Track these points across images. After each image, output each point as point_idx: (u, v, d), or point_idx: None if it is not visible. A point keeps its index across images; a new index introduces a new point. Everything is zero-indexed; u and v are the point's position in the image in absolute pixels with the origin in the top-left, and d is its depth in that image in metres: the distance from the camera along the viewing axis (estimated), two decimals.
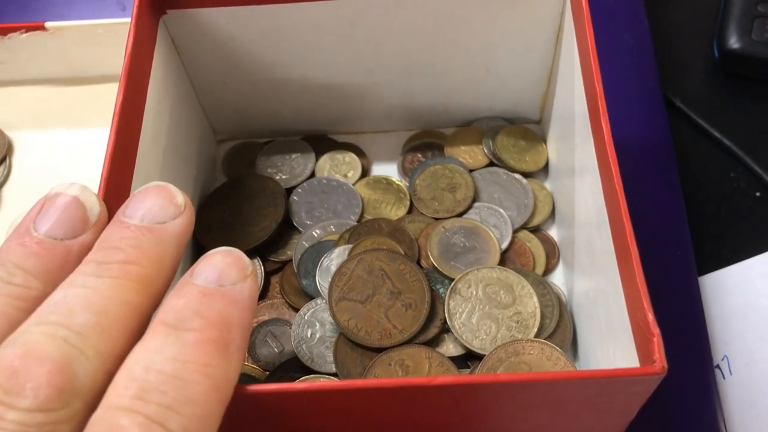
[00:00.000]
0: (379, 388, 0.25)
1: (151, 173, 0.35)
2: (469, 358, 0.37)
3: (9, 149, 0.47)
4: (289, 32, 0.39)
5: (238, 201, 0.42)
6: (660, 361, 0.24)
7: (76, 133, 0.48)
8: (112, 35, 0.46)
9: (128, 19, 0.46)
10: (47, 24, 0.46)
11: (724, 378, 0.41)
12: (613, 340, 0.31)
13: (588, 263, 0.35)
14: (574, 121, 0.37)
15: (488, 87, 0.43)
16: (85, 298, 0.22)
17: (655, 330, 0.24)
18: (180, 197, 0.26)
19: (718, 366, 0.41)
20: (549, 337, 0.37)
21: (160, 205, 0.25)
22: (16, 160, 0.47)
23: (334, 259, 0.39)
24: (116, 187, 0.31)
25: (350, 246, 0.39)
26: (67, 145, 0.48)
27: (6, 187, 0.46)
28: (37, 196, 0.47)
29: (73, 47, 0.47)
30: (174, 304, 0.23)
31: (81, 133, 0.48)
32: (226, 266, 0.24)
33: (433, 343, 0.37)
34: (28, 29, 0.46)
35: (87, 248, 0.25)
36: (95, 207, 0.26)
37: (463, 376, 0.25)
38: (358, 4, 0.38)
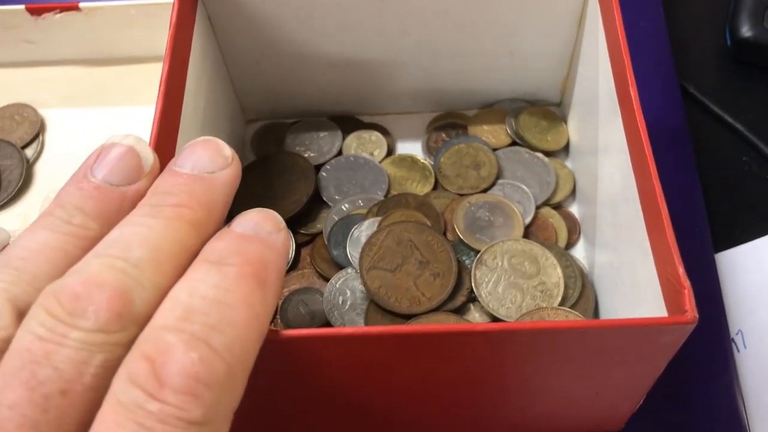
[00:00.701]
0: (422, 333, 0.26)
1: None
2: None
3: (42, 127, 0.49)
4: (320, 12, 0.40)
5: (269, 176, 0.43)
6: (691, 311, 0.25)
7: (106, 111, 0.49)
8: (144, 16, 0.48)
9: (158, 1, 0.48)
10: (81, 4, 0.47)
11: (738, 351, 0.42)
12: (638, 303, 0.32)
13: (611, 235, 0.37)
14: (597, 101, 0.38)
15: (511, 70, 0.45)
16: (141, 235, 0.24)
17: (686, 282, 0.26)
18: (227, 150, 0.27)
19: (732, 340, 0.42)
20: (572, 307, 0.38)
21: (209, 156, 0.27)
22: (49, 137, 0.48)
23: (364, 230, 0.40)
24: (162, 159, 0.32)
25: (379, 218, 0.40)
26: (97, 124, 0.49)
27: (39, 163, 0.47)
28: (69, 173, 0.48)
29: (106, 28, 0.49)
30: (215, 245, 0.24)
31: (111, 111, 0.49)
32: (261, 219, 0.26)
33: (460, 311, 0.38)
34: (62, 9, 0.48)
35: (141, 195, 0.26)
36: (149, 157, 0.27)
37: (501, 324, 0.26)
38: None
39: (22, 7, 0.48)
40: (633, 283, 0.33)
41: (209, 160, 0.27)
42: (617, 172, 0.35)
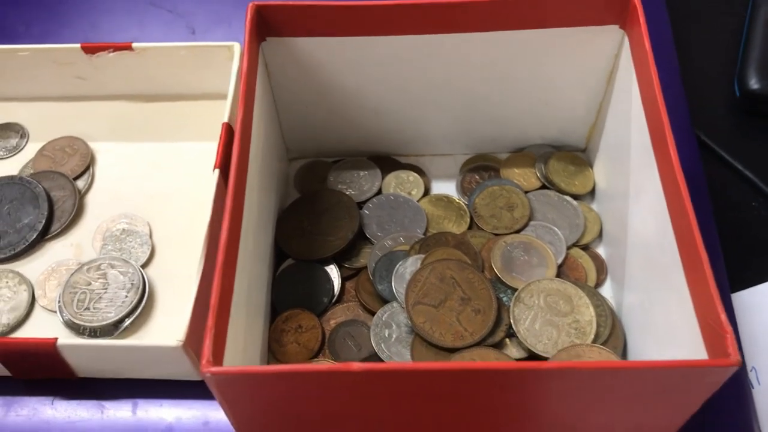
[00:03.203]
0: (468, 370, 0.29)
1: (253, 183, 0.39)
2: (528, 361, 0.41)
3: (92, 160, 0.51)
4: (371, 62, 0.43)
5: (315, 213, 0.46)
6: (734, 354, 0.28)
7: (151, 146, 0.51)
8: (193, 56, 0.50)
9: (208, 43, 0.51)
10: (134, 45, 0.50)
11: (752, 387, 0.45)
12: (671, 343, 0.35)
13: (642, 276, 0.39)
14: (628, 150, 0.41)
15: (542, 118, 0.48)
16: None
17: (728, 328, 0.28)
18: None
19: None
20: (603, 344, 0.41)
21: None
22: (98, 169, 0.51)
23: (408, 267, 0.42)
24: (239, 187, 0.34)
25: (422, 256, 0.43)
26: (144, 157, 0.51)
27: (90, 194, 0.49)
28: (118, 204, 0.50)
29: (155, 66, 0.51)
30: None
31: (156, 146, 0.51)
32: None
33: (498, 346, 0.41)
34: (116, 49, 0.50)
35: None
36: None
37: (543, 363, 0.28)
38: (438, 39, 0.42)
39: (77, 45, 0.50)
40: (666, 324, 0.36)
41: None
42: (651, 218, 0.38)
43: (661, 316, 0.36)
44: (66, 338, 0.39)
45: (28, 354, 0.39)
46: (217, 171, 0.44)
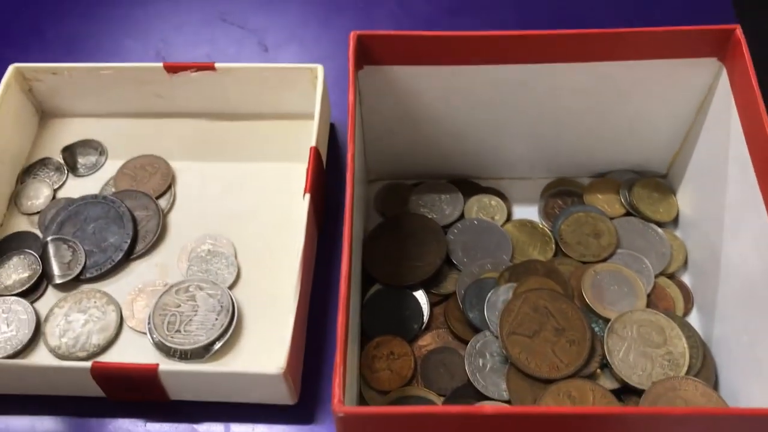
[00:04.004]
0: (609, 414, 0.29)
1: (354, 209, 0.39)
2: (622, 393, 0.41)
3: (173, 179, 0.51)
4: (463, 90, 0.43)
5: (401, 237, 0.46)
6: None
7: (231, 165, 0.51)
8: (275, 77, 0.50)
9: (291, 65, 0.51)
10: (217, 65, 0.50)
11: None
12: None
13: (741, 311, 0.39)
14: (724, 180, 0.41)
15: (625, 144, 0.48)
16: None
17: None
18: None
19: None
20: (696, 376, 0.41)
21: None
22: (178, 188, 0.51)
23: (501, 295, 0.43)
24: (350, 217, 0.34)
25: (513, 284, 0.43)
26: (223, 176, 0.51)
27: (172, 213, 0.50)
28: (200, 224, 0.50)
29: (234, 86, 0.51)
30: None
31: (236, 166, 0.51)
32: None
33: (591, 377, 0.41)
34: (198, 69, 0.50)
35: None
36: None
37: (661, 408, 0.29)
38: (532, 69, 0.42)
39: (159, 65, 0.50)
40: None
41: None
42: (754, 254, 0.38)
43: (763, 351, 0.36)
44: (166, 364, 0.39)
45: (129, 378, 0.40)
46: (307, 196, 0.44)
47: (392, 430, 0.30)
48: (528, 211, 0.49)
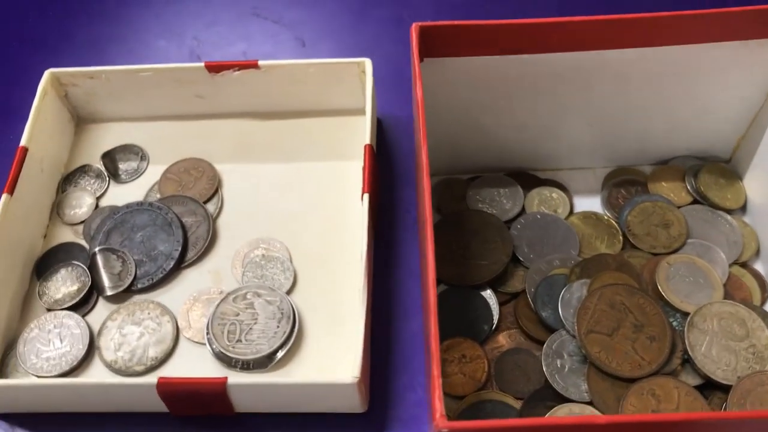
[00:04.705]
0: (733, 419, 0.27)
1: None
2: (705, 388, 0.40)
3: (219, 182, 0.49)
4: (527, 79, 0.42)
5: (463, 235, 0.44)
6: None
7: (278, 166, 0.50)
8: (321, 73, 0.49)
9: (338, 60, 0.49)
10: (261, 63, 0.48)
11: None
12: None
13: None
14: None
15: (690, 129, 0.46)
16: None
17: None
18: None
19: None
20: None
21: None
22: (225, 191, 0.49)
23: (574, 293, 0.41)
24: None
25: (585, 281, 0.41)
26: (271, 177, 0.49)
27: (221, 218, 0.48)
28: (251, 228, 0.49)
29: (279, 84, 0.49)
30: None
31: (283, 166, 0.50)
32: None
33: (673, 374, 0.40)
34: (242, 67, 0.49)
35: None
36: None
37: None
38: (599, 56, 0.40)
39: (201, 64, 0.48)
40: None
41: None
42: None
43: None
44: (234, 377, 0.38)
45: (197, 393, 0.38)
46: (366, 196, 0.43)
47: None
48: (589, 203, 0.47)
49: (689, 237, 0.44)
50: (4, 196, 0.44)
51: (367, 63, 0.48)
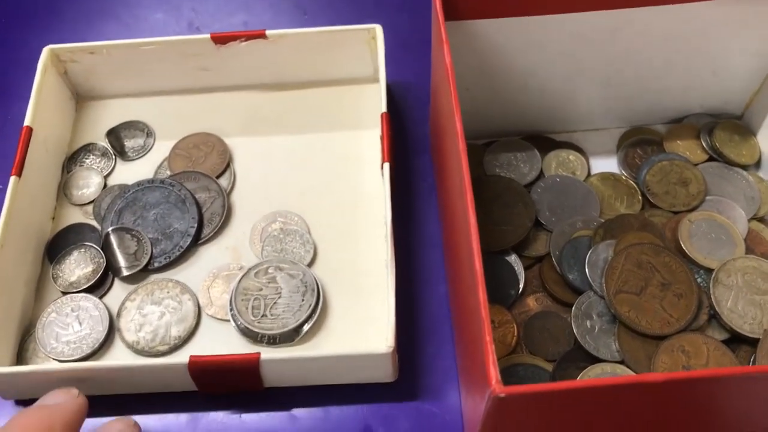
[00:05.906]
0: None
1: None
2: (731, 342, 0.40)
3: (230, 156, 0.48)
4: (549, 41, 0.41)
5: (484, 201, 0.44)
6: None
7: (290, 138, 0.49)
8: (330, 41, 0.48)
9: (348, 27, 0.48)
10: (268, 32, 0.47)
11: None
12: None
13: None
14: None
15: (705, 86, 0.46)
16: None
17: None
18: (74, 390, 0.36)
19: None
20: None
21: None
22: (237, 166, 0.48)
23: (600, 254, 0.41)
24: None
25: (611, 241, 0.41)
26: (283, 150, 0.48)
27: (234, 193, 0.47)
28: (266, 202, 0.48)
29: (287, 54, 0.48)
30: None
31: (295, 138, 0.49)
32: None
33: (701, 330, 0.40)
34: (249, 38, 0.47)
35: None
36: None
37: None
38: (621, 14, 0.40)
39: (207, 36, 0.47)
40: None
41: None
42: None
43: None
44: (267, 352, 0.38)
45: (230, 371, 0.38)
46: (386, 165, 0.42)
47: (554, 405, 0.28)
48: (605, 164, 0.47)
49: (707, 194, 0.44)
50: (12, 178, 0.43)
51: (378, 29, 0.47)
